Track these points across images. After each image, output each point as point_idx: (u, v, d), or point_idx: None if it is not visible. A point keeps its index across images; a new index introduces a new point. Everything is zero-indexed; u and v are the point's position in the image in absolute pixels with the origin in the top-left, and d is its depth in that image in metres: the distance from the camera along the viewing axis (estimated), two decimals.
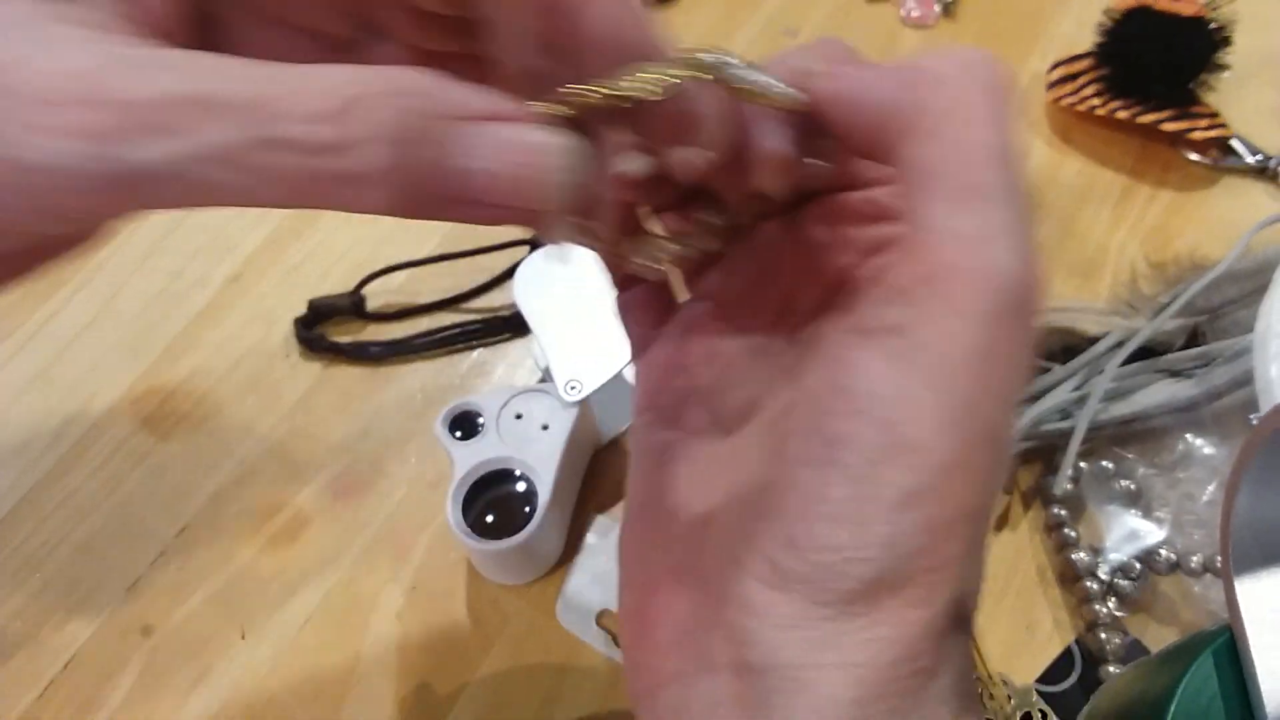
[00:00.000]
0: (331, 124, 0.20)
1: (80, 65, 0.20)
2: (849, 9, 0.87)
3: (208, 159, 0.20)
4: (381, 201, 0.22)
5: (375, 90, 0.21)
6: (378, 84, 0.21)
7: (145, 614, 0.59)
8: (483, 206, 0.23)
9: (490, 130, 0.22)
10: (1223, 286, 0.64)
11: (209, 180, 0.20)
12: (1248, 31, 0.75)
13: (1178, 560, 0.57)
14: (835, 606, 0.23)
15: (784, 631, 0.24)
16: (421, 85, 0.22)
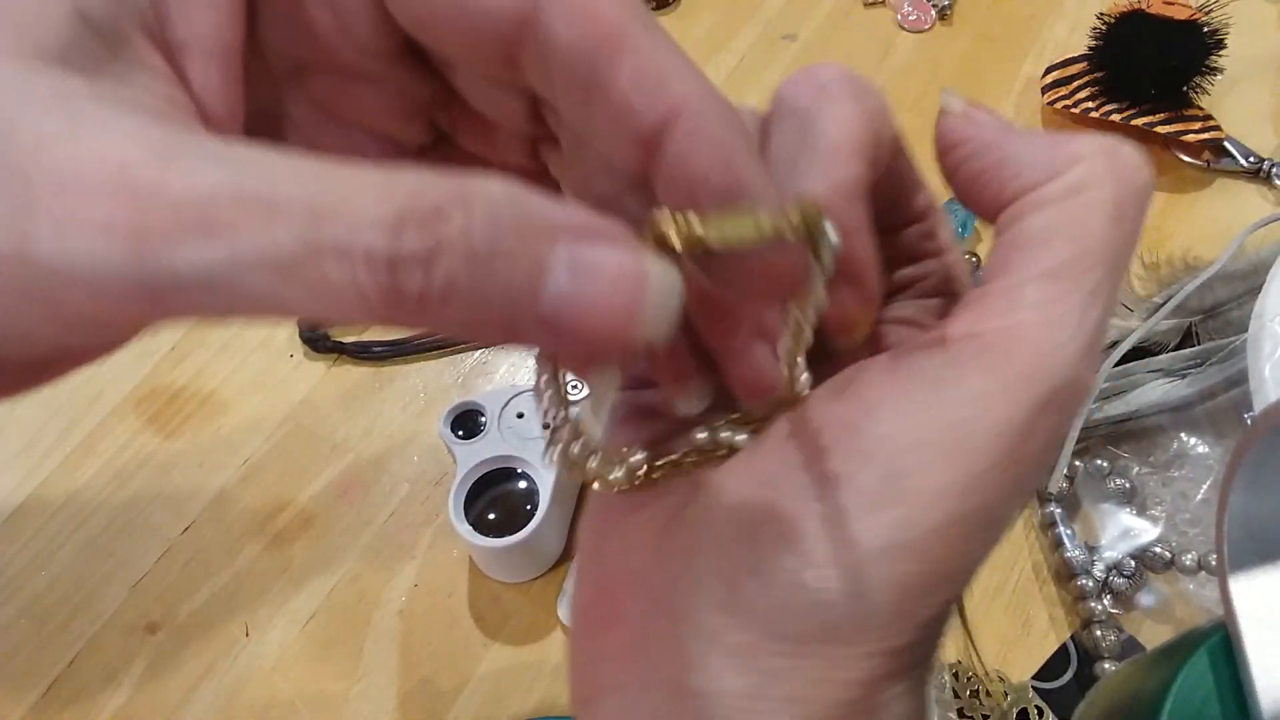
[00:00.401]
0: (402, 234, 0.17)
1: (119, 152, 0.17)
2: (846, 13, 0.88)
3: (257, 266, 0.17)
4: (449, 324, 0.18)
5: (455, 197, 0.18)
6: (458, 190, 0.18)
7: (150, 611, 0.59)
8: (560, 334, 0.19)
9: (588, 251, 0.19)
10: (1216, 287, 0.65)
11: (256, 290, 0.17)
12: (1241, 35, 0.76)
13: (1172, 558, 0.58)
14: (789, 643, 0.22)
15: (732, 659, 0.23)
16: (510, 194, 0.19)
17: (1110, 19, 0.76)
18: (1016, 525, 0.61)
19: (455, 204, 0.18)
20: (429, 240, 0.17)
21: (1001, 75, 0.83)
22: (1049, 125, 0.80)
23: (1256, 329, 0.56)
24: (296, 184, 0.18)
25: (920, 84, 0.83)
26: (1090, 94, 0.77)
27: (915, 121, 0.85)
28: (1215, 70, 0.75)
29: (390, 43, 0.23)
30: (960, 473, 0.22)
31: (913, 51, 0.85)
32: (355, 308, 0.18)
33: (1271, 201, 0.75)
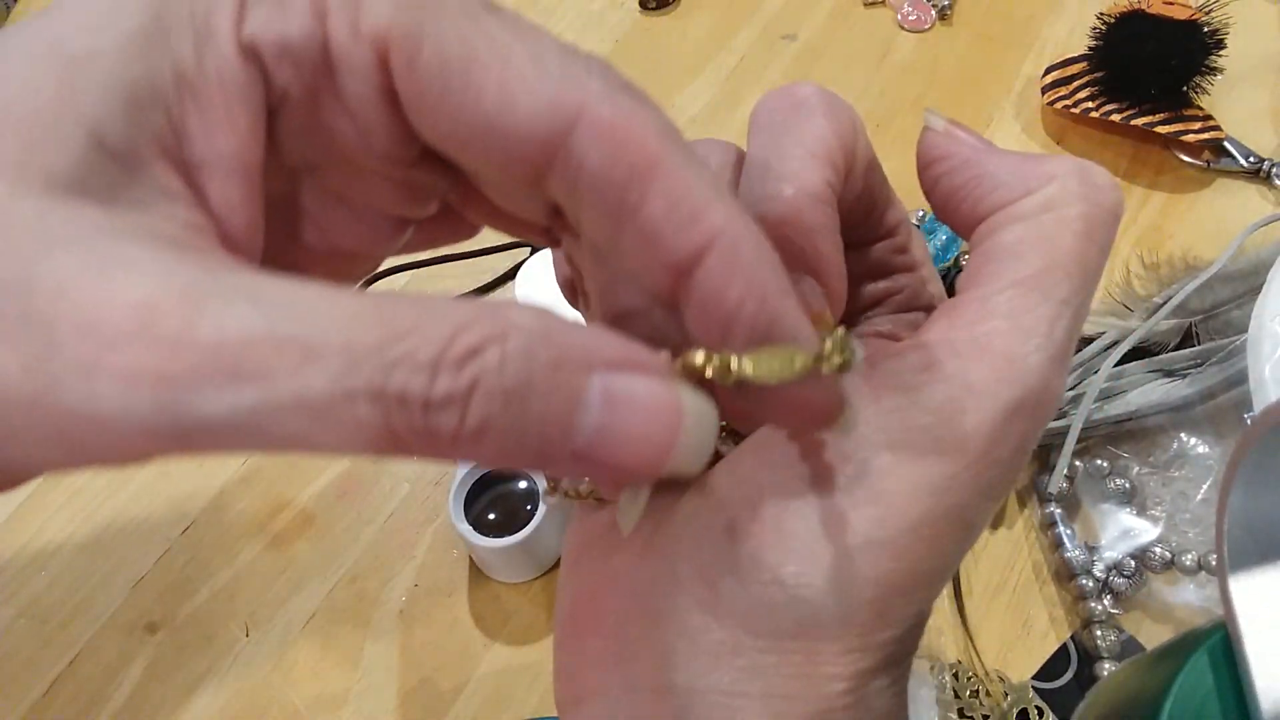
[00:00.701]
0: (437, 376, 0.17)
1: (145, 293, 0.17)
2: (846, 13, 0.88)
3: (289, 410, 0.17)
4: (484, 458, 0.19)
5: (488, 333, 0.18)
6: (492, 327, 0.18)
7: (150, 611, 0.59)
8: (594, 466, 0.19)
9: (623, 383, 0.19)
10: (1216, 287, 0.65)
11: (286, 432, 0.17)
12: (1241, 35, 0.76)
13: (1172, 558, 0.58)
14: (769, 639, 0.23)
15: (712, 657, 0.23)
16: (543, 326, 0.18)
17: (1110, 19, 0.76)
18: (1016, 525, 0.62)
19: (490, 341, 0.18)
20: (464, 381, 0.18)
21: (1001, 75, 0.83)
22: (1049, 125, 0.80)
23: (1256, 329, 0.56)
24: (329, 324, 0.17)
25: (920, 84, 0.83)
26: (1090, 94, 0.77)
27: (915, 121, 0.85)
28: (1215, 70, 0.75)
29: (410, 151, 0.23)
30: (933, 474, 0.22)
31: (913, 51, 0.85)
32: (388, 445, 0.18)
33: (1271, 201, 0.75)
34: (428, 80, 0.20)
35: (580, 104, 0.20)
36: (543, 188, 0.22)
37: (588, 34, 0.87)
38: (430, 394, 0.17)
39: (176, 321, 0.17)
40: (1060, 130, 0.79)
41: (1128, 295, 0.68)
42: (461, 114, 0.21)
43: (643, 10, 0.88)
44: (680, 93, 0.83)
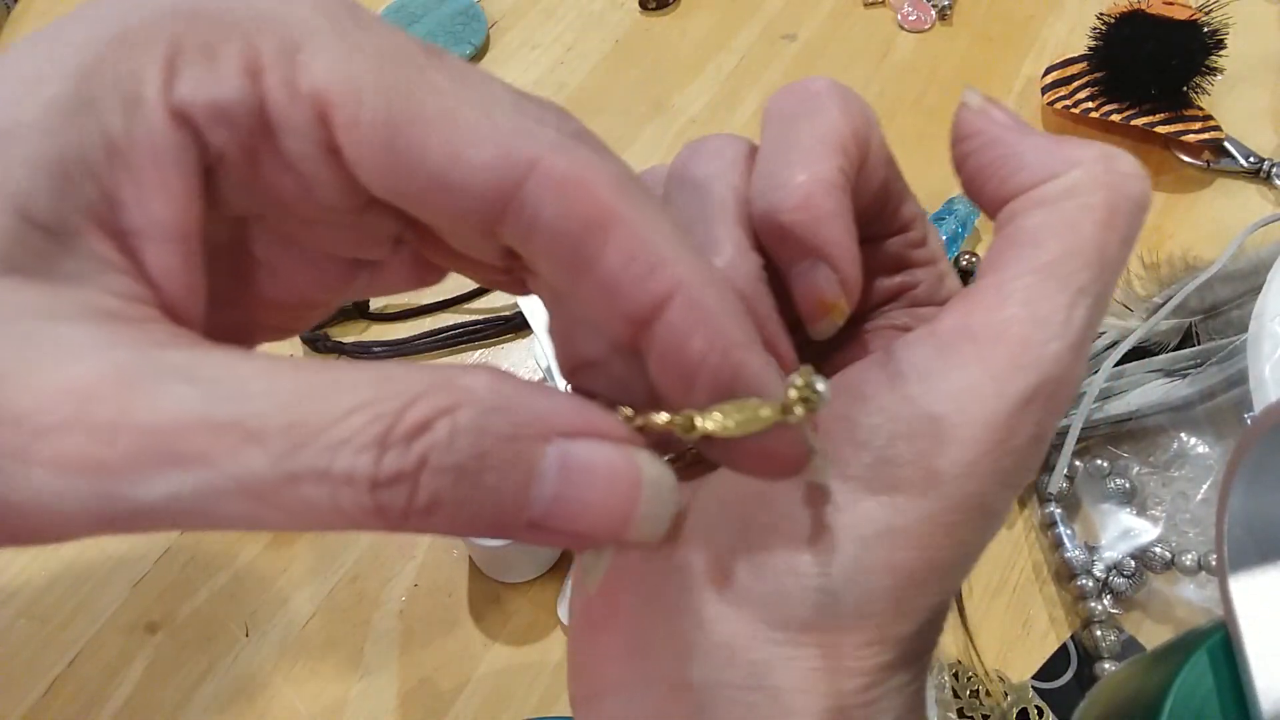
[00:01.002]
0: (384, 455, 0.17)
1: (79, 378, 0.17)
2: (846, 13, 0.88)
3: (231, 494, 0.17)
4: (438, 530, 0.18)
5: (439, 405, 0.17)
6: (442, 399, 0.17)
7: (150, 610, 0.59)
8: (551, 535, 0.19)
9: (580, 451, 0.19)
10: (1216, 287, 0.65)
11: (228, 514, 0.17)
12: (1241, 35, 0.76)
13: (1172, 558, 0.58)
14: (786, 632, 0.22)
15: (728, 650, 0.23)
16: (496, 395, 0.18)
17: (1110, 19, 0.76)
18: (1016, 525, 0.61)
19: (440, 414, 0.17)
20: (412, 459, 0.17)
21: (1001, 75, 0.83)
22: (1049, 125, 0.80)
23: (1256, 329, 0.56)
24: (270, 404, 0.17)
25: (920, 84, 0.83)
26: (1090, 94, 0.77)
27: (915, 121, 0.85)
28: (1215, 70, 0.75)
29: (358, 200, 0.22)
30: (950, 461, 0.22)
31: (913, 51, 0.85)
32: (336, 523, 0.17)
33: (1271, 201, 0.75)
34: (371, 137, 0.20)
35: (532, 156, 0.20)
36: (498, 237, 0.21)
37: (588, 34, 0.87)
38: (377, 474, 0.17)
39: (112, 406, 0.16)
40: (1060, 130, 0.79)
41: (1128, 295, 0.68)
42: (407, 170, 0.20)
43: (643, 10, 0.88)
44: (680, 93, 0.83)
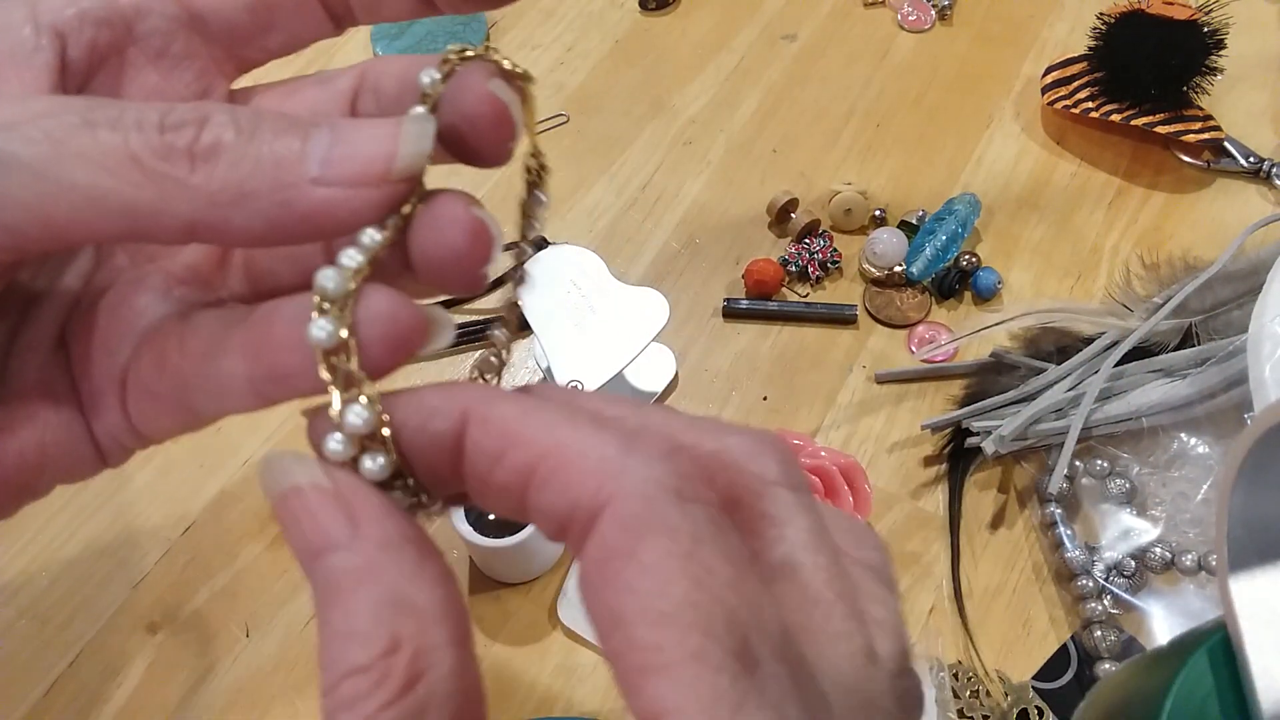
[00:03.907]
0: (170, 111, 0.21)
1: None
2: (846, 13, 0.88)
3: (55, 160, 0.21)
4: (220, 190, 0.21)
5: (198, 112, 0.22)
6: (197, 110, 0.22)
7: (151, 611, 0.59)
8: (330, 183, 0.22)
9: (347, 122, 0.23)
10: (1216, 287, 0.65)
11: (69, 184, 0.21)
12: (1241, 35, 0.76)
13: (1172, 558, 0.58)
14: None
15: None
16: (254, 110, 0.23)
17: (1110, 19, 0.76)
18: (1017, 525, 0.62)
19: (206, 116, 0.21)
20: (198, 113, 0.21)
21: (1001, 75, 0.83)
22: (1049, 125, 0.80)
23: (1256, 329, 0.56)
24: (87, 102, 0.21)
25: (920, 84, 0.83)
26: (1090, 94, 0.77)
27: (915, 121, 0.86)
28: (1215, 70, 0.75)
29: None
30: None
31: (912, 51, 0.85)
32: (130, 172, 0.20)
33: (1271, 201, 0.75)
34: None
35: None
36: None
37: (588, 34, 0.87)
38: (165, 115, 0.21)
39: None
40: (1060, 130, 0.80)
41: (1128, 295, 0.68)
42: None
43: (643, 10, 0.88)
44: (680, 93, 0.83)
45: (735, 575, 0.19)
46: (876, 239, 0.71)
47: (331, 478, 0.21)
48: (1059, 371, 0.63)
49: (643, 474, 0.20)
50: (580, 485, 0.20)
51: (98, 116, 0.20)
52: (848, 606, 0.22)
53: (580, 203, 0.76)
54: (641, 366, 0.66)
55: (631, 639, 0.19)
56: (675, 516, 0.19)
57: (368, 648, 0.19)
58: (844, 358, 0.68)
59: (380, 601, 0.20)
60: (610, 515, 0.19)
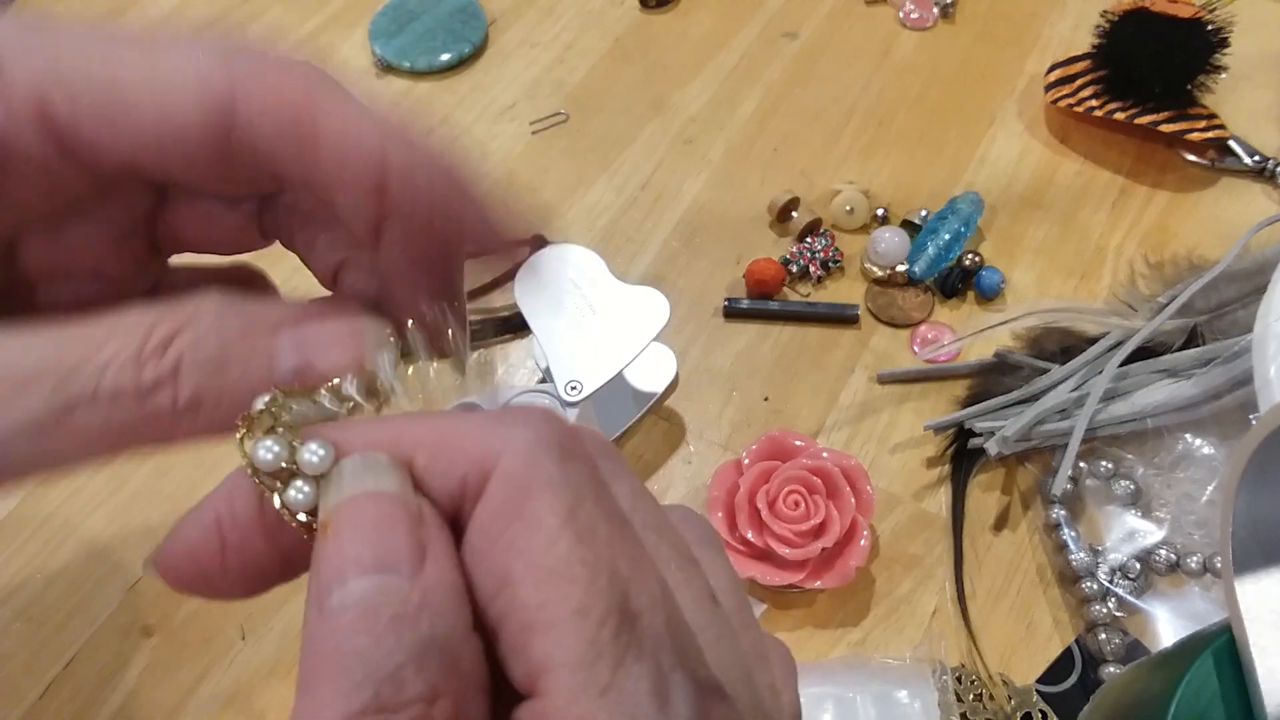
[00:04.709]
0: (141, 366, 0.20)
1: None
2: (847, 11, 0.87)
3: (15, 437, 0.20)
4: (207, 426, 0.22)
5: (179, 320, 0.21)
6: (183, 313, 0.21)
7: (146, 614, 0.59)
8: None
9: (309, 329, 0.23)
10: (1221, 287, 0.65)
11: (22, 456, 0.20)
12: (1245, 33, 0.76)
13: (1177, 560, 0.57)
14: None
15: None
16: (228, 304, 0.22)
17: (1114, 17, 0.76)
18: (1020, 527, 0.61)
19: (182, 327, 0.21)
20: (168, 364, 0.21)
21: (1004, 73, 0.83)
22: (1052, 124, 0.80)
23: (1262, 329, 0.56)
24: (33, 356, 0.20)
25: (922, 82, 0.82)
26: (1094, 92, 0.77)
27: (916, 120, 0.85)
28: (1219, 68, 0.74)
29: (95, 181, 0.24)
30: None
31: (914, 49, 0.85)
32: (116, 443, 0.21)
33: (1276, 200, 0.75)
34: (91, 112, 0.22)
35: (230, 75, 0.23)
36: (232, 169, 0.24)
37: (588, 32, 0.87)
38: (140, 382, 0.20)
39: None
40: (1063, 129, 0.79)
41: (1132, 295, 0.67)
42: (130, 128, 0.23)
43: (643, 8, 0.88)
44: (680, 91, 0.82)
45: (615, 531, 0.20)
46: (878, 238, 0.70)
47: (415, 494, 0.20)
48: (1063, 372, 0.62)
49: (525, 435, 0.20)
50: (467, 458, 0.20)
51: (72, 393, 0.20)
52: (682, 557, 0.22)
53: (580, 202, 0.76)
54: (642, 366, 0.65)
55: (516, 598, 0.19)
56: (558, 473, 0.20)
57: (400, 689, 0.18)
58: (846, 358, 0.68)
59: (429, 644, 0.18)
60: (497, 476, 0.20)
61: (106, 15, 0.90)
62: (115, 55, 0.23)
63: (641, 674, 0.18)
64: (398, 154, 0.23)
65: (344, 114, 0.23)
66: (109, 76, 0.22)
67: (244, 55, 0.23)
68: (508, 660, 0.19)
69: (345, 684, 0.18)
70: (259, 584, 0.22)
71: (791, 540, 0.56)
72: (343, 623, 0.18)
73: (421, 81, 0.84)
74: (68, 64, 0.22)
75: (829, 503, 0.58)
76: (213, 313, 0.22)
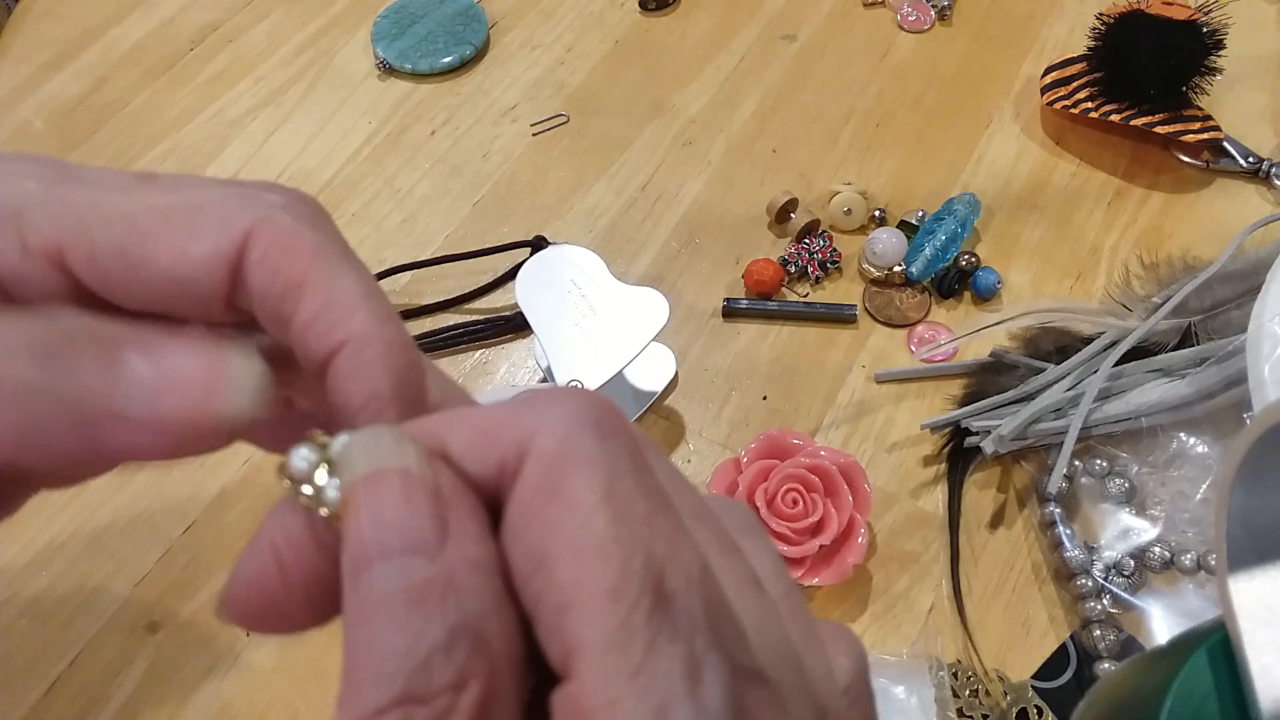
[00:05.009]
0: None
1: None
2: (846, 13, 0.88)
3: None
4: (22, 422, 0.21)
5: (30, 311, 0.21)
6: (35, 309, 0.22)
7: (151, 610, 0.59)
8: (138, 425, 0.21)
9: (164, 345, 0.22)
10: (1215, 287, 0.65)
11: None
12: (1240, 35, 0.76)
13: (1171, 558, 0.58)
14: None
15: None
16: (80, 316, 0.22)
17: (1109, 19, 0.76)
18: (1016, 525, 0.62)
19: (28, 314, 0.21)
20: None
21: (1001, 75, 0.83)
22: (1048, 125, 0.80)
23: (1256, 329, 0.56)
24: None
25: (920, 84, 0.83)
26: (1089, 94, 0.77)
27: (915, 121, 0.86)
28: (1214, 70, 0.75)
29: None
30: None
31: (912, 52, 0.85)
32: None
33: (1270, 201, 0.75)
34: (108, 265, 0.23)
35: (239, 238, 0.23)
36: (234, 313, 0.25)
37: (588, 34, 0.87)
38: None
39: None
40: (1059, 130, 0.80)
41: (1127, 295, 0.68)
42: (147, 280, 0.23)
43: (642, 10, 0.88)
44: (680, 93, 0.83)
45: (652, 510, 0.19)
46: (876, 239, 0.71)
47: (432, 468, 0.20)
48: (1058, 371, 0.63)
49: (561, 413, 0.20)
50: (503, 440, 0.20)
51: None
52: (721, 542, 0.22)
53: (580, 203, 0.77)
54: (641, 366, 0.66)
55: (551, 577, 0.19)
56: (596, 450, 0.20)
57: (429, 676, 0.18)
58: (844, 357, 0.69)
59: (456, 629, 0.18)
60: (533, 455, 0.20)
61: (110, 19, 0.90)
62: (137, 205, 0.24)
63: (674, 656, 0.18)
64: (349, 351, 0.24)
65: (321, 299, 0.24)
66: (131, 232, 0.23)
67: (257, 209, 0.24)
68: (544, 641, 0.19)
69: (376, 675, 0.18)
70: (328, 605, 0.21)
71: (790, 538, 0.57)
72: (370, 610, 0.18)
73: (423, 84, 0.84)
74: (90, 219, 0.23)
75: (827, 501, 0.58)
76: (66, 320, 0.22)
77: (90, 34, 0.89)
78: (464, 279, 0.72)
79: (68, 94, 0.85)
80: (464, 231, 0.75)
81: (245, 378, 0.22)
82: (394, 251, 0.74)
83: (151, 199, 0.24)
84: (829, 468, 0.58)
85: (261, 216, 0.24)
